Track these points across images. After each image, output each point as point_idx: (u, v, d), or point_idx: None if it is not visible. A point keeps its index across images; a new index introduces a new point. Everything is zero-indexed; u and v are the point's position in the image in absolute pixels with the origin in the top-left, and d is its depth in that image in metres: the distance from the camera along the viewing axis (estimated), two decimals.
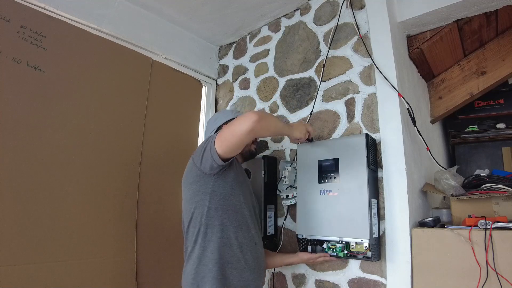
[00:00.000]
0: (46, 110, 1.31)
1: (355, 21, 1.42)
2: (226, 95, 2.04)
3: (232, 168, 1.15)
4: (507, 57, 1.51)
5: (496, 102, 1.94)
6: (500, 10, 1.30)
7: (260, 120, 0.99)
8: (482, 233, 0.97)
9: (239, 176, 1.20)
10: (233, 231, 1.11)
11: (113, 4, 1.58)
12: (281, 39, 1.77)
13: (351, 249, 1.19)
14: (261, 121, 0.99)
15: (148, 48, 1.72)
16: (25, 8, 1.29)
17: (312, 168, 1.33)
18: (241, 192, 1.17)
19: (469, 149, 2.04)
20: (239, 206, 1.15)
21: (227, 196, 1.12)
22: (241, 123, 1.00)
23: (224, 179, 1.12)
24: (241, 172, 1.25)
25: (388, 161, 1.23)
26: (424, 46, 1.47)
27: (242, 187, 1.19)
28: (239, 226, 1.13)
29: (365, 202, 1.16)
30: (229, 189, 1.13)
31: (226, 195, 1.12)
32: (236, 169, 1.18)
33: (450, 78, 1.69)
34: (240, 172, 1.23)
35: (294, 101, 1.63)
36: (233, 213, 1.13)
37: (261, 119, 0.99)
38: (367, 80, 1.37)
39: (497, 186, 1.13)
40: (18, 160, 1.21)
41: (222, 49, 2.14)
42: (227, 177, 1.13)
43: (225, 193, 1.12)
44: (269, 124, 1.06)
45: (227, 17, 1.81)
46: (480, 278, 0.95)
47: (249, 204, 1.21)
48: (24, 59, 1.27)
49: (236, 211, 1.14)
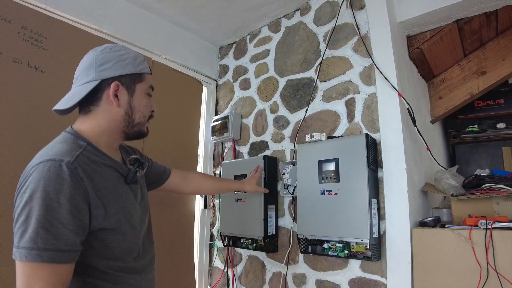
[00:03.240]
0: (47, 110, 1.31)
1: (355, 21, 1.42)
2: (227, 95, 2.04)
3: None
4: (507, 57, 1.51)
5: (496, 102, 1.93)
6: (500, 10, 1.30)
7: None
8: (482, 233, 0.97)
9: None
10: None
11: (113, 5, 1.58)
12: (281, 40, 1.77)
13: (351, 249, 1.19)
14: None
15: (148, 48, 1.73)
16: (25, 9, 1.29)
17: (312, 168, 1.33)
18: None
19: (469, 149, 2.04)
20: None
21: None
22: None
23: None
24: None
25: (388, 161, 1.23)
26: (424, 46, 1.47)
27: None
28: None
29: (365, 202, 1.16)
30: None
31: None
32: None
33: (450, 78, 1.69)
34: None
35: (295, 101, 1.63)
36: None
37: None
38: (367, 80, 1.37)
39: (497, 186, 1.13)
40: (19, 161, 1.22)
41: (222, 49, 2.15)
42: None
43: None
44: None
45: (227, 18, 1.81)
46: (481, 278, 0.95)
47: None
48: (25, 60, 1.27)
49: None
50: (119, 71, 0.81)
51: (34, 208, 0.64)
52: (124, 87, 0.82)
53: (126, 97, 0.83)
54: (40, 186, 0.65)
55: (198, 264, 1.85)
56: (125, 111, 0.82)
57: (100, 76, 0.79)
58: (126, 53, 0.84)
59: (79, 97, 0.79)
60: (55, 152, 0.70)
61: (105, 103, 0.81)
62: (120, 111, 0.82)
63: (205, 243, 1.90)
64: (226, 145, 1.98)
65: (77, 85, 0.81)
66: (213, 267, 1.90)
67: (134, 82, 0.84)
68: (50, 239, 0.63)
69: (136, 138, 0.89)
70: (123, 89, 0.82)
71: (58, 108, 0.82)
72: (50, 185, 0.65)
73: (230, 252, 1.79)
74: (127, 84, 0.83)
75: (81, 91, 0.79)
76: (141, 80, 0.86)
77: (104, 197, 0.74)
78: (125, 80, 0.82)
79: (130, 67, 0.83)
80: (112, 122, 0.82)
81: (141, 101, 0.85)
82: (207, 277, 1.89)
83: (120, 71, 0.81)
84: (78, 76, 0.83)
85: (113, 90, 0.80)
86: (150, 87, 0.89)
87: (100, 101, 0.81)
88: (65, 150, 0.72)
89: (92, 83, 0.79)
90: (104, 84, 0.80)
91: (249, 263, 1.69)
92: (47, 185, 0.65)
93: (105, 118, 0.81)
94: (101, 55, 0.81)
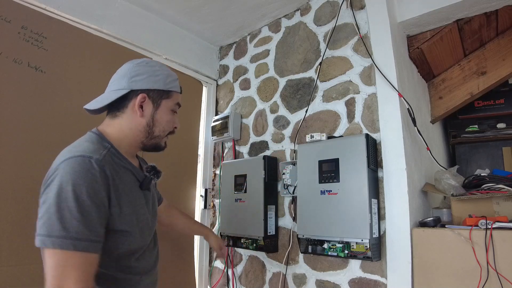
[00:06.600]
0: (47, 111, 1.32)
1: (355, 21, 1.42)
2: (227, 95, 2.04)
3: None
4: (507, 57, 1.50)
5: (497, 102, 1.93)
6: (500, 10, 1.30)
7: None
8: (482, 233, 0.97)
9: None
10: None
11: (113, 5, 1.58)
12: (282, 40, 1.77)
13: (351, 249, 1.19)
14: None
15: (148, 48, 1.73)
16: (25, 9, 1.29)
17: (312, 168, 1.33)
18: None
19: (469, 149, 2.04)
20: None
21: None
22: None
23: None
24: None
25: (388, 161, 1.23)
26: (424, 46, 1.47)
27: None
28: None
29: (365, 202, 1.16)
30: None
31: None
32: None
33: (450, 78, 1.69)
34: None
35: (295, 101, 1.63)
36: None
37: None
38: (367, 80, 1.37)
39: (497, 186, 1.13)
40: (19, 161, 1.22)
41: (222, 49, 2.15)
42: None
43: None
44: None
45: (227, 18, 1.81)
46: (481, 278, 0.95)
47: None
48: (25, 60, 1.27)
49: None
50: (149, 84, 0.86)
51: (67, 200, 0.68)
52: (150, 100, 0.88)
53: (151, 109, 0.88)
54: (70, 180, 0.69)
55: (198, 264, 1.85)
56: (147, 122, 0.88)
57: (131, 86, 0.85)
58: (159, 69, 0.90)
59: (108, 101, 0.85)
60: (83, 149, 0.75)
61: (130, 111, 0.86)
62: (142, 122, 0.87)
63: (205, 243, 1.90)
64: (226, 145, 1.98)
65: (109, 90, 0.88)
66: (213, 267, 1.90)
67: (161, 97, 0.89)
68: (82, 230, 0.68)
69: (153, 150, 0.94)
70: (149, 102, 0.87)
71: (88, 108, 0.88)
72: (80, 178, 0.69)
73: (230, 252, 1.79)
74: (153, 98, 0.88)
75: (111, 96, 0.86)
76: (168, 97, 0.91)
77: (121, 197, 0.78)
78: (153, 94, 0.88)
79: (160, 84, 0.88)
80: (133, 130, 0.87)
81: (164, 116, 0.90)
82: (207, 277, 1.89)
83: (150, 85, 0.87)
84: (112, 82, 0.89)
85: (139, 100, 0.86)
86: (177, 104, 0.94)
87: (126, 109, 0.87)
88: (93, 148, 0.77)
89: (122, 91, 0.85)
90: (133, 94, 0.86)
91: (249, 263, 1.69)
92: (78, 178, 0.69)
93: (128, 126, 0.87)
94: (136, 67, 0.88)
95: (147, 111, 0.87)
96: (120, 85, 0.86)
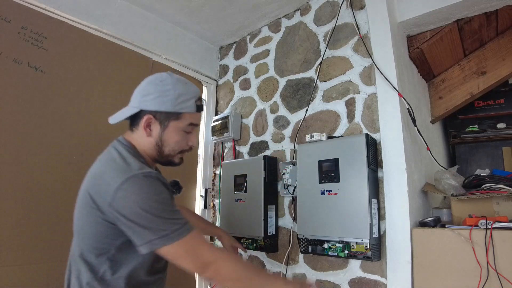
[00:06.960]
0: (47, 111, 1.32)
1: (355, 21, 1.42)
2: (227, 95, 2.04)
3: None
4: (507, 57, 1.50)
5: (497, 102, 1.93)
6: (500, 10, 1.30)
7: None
8: (482, 233, 0.97)
9: None
10: None
11: (113, 5, 1.58)
12: (282, 40, 1.77)
13: (351, 249, 1.19)
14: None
15: (148, 48, 1.73)
16: (25, 9, 1.30)
17: (312, 168, 1.33)
18: None
19: (469, 149, 2.04)
20: None
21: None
22: (223, 274, 0.81)
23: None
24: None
25: (388, 161, 1.23)
26: (424, 46, 1.47)
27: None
28: None
29: (365, 202, 1.16)
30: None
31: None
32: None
33: (450, 78, 1.69)
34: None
35: (295, 101, 1.63)
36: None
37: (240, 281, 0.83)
38: (367, 80, 1.37)
39: (497, 186, 1.13)
40: (19, 160, 1.22)
41: (222, 49, 2.15)
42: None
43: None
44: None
45: (227, 18, 1.81)
46: (481, 278, 0.95)
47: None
48: (25, 60, 1.27)
49: None
50: (156, 106, 0.86)
51: (153, 207, 0.75)
52: (157, 121, 0.88)
53: (158, 130, 0.89)
54: (143, 195, 0.75)
55: None
56: (156, 142, 0.90)
57: (141, 106, 0.87)
58: (171, 89, 0.87)
59: (122, 118, 0.89)
60: (135, 167, 0.79)
61: (141, 129, 0.89)
62: (151, 141, 0.89)
63: None
64: (226, 145, 1.98)
65: (129, 105, 0.91)
66: None
67: (169, 119, 0.88)
68: (180, 219, 0.78)
69: (168, 165, 0.97)
70: (156, 123, 0.88)
71: (110, 122, 0.91)
72: (150, 191, 0.76)
73: None
74: (160, 119, 0.88)
75: (126, 112, 0.89)
76: (178, 118, 0.89)
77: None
78: (160, 115, 0.88)
79: (168, 105, 0.86)
80: (146, 147, 0.90)
81: (172, 137, 0.90)
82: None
83: (157, 107, 0.86)
84: (133, 96, 0.91)
85: (145, 121, 0.87)
86: (190, 125, 0.92)
87: (139, 126, 0.89)
88: (140, 164, 0.81)
89: (134, 109, 0.88)
90: (143, 113, 0.87)
91: (249, 263, 1.69)
92: (149, 191, 0.76)
93: (142, 142, 0.90)
94: (148, 86, 0.88)
95: (154, 132, 0.88)
96: (135, 103, 0.89)
